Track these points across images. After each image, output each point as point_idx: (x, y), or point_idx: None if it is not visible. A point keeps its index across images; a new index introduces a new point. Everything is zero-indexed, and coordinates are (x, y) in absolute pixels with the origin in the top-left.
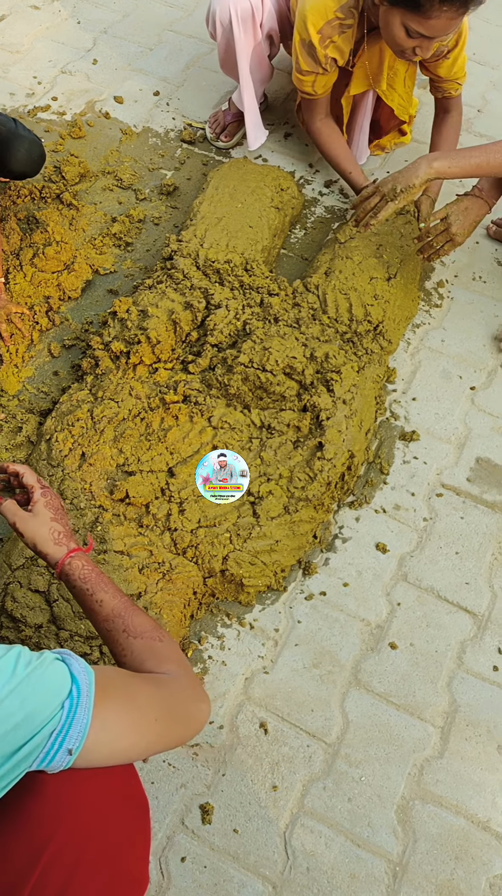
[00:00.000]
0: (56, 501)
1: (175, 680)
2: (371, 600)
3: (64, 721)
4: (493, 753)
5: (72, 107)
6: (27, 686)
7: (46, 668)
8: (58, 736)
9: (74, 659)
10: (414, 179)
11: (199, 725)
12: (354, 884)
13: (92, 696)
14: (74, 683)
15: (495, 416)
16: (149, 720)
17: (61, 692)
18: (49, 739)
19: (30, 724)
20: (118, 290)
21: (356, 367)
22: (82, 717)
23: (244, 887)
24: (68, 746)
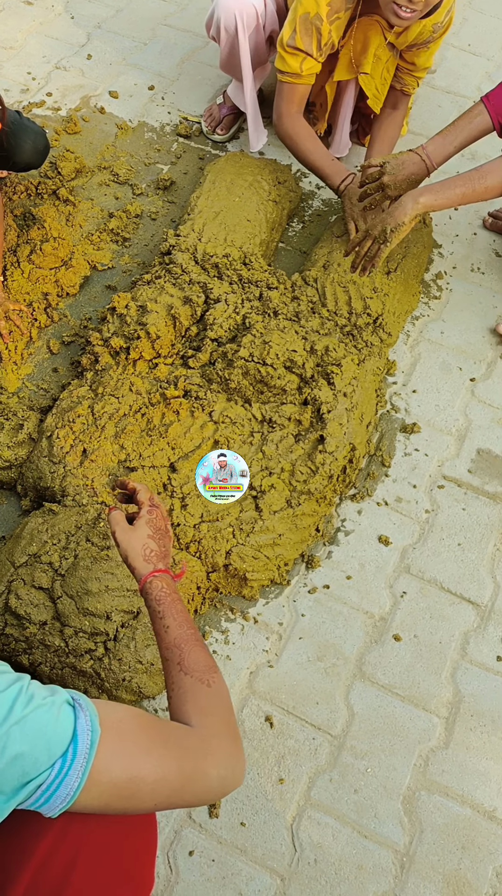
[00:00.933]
0: (161, 522)
1: (204, 740)
2: (374, 593)
3: (52, 780)
4: (498, 743)
5: (66, 102)
6: (19, 730)
7: (50, 713)
8: (44, 792)
9: (84, 712)
10: (403, 217)
11: (216, 794)
12: (362, 875)
13: (91, 758)
14: (74, 742)
15: (495, 408)
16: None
17: (55, 750)
18: (35, 794)
19: (16, 772)
20: (116, 285)
21: (356, 360)
22: (73, 780)
23: (252, 880)
24: (55, 804)
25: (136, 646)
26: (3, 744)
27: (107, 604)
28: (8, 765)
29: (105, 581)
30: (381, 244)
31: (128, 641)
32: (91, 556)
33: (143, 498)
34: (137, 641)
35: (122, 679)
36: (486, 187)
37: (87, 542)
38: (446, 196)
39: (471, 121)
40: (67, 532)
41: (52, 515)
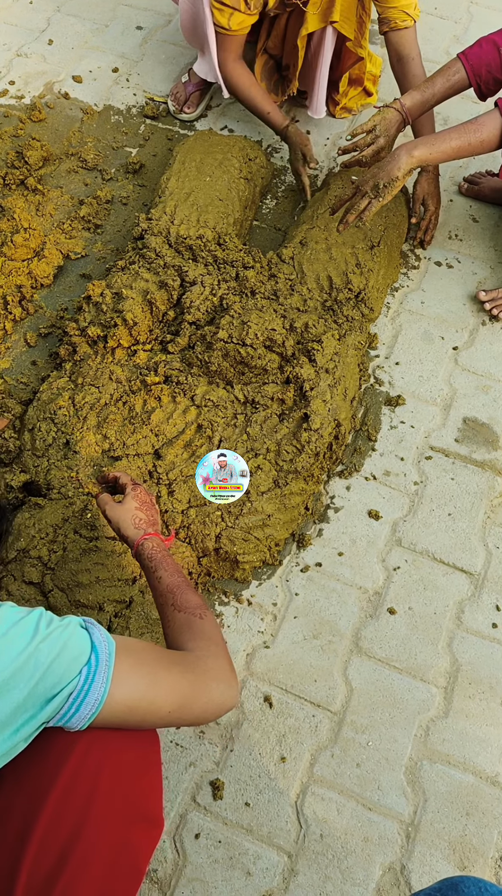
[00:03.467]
0: (145, 496)
1: (201, 658)
2: (367, 567)
3: (81, 686)
4: (497, 709)
5: (30, 90)
6: (47, 645)
7: (68, 631)
8: (75, 700)
9: (97, 628)
10: (397, 171)
11: (217, 707)
12: (368, 847)
13: (111, 666)
14: (94, 651)
15: (479, 375)
16: (166, 693)
17: (81, 658)
18: (67, 702)
19: (48, 684)
20: (91, 273)
21: (337, 336)
22: (99, 685)
23: (259, 859)
24: (84, 712)
25: (131, 634)
26: (36, 658)
27: (98, 595)
28: (42, 677)
29: (95, 572)
30: (373, 199)
31: (122, 631)
32: (80, 548)
33: (125, 481)
34: (131, 630)
35: None
36: (481, 140)
37: (74, 535)
38: (440, 149)
39: (449, 78)
40: (55, 525)
41: (38, 510)
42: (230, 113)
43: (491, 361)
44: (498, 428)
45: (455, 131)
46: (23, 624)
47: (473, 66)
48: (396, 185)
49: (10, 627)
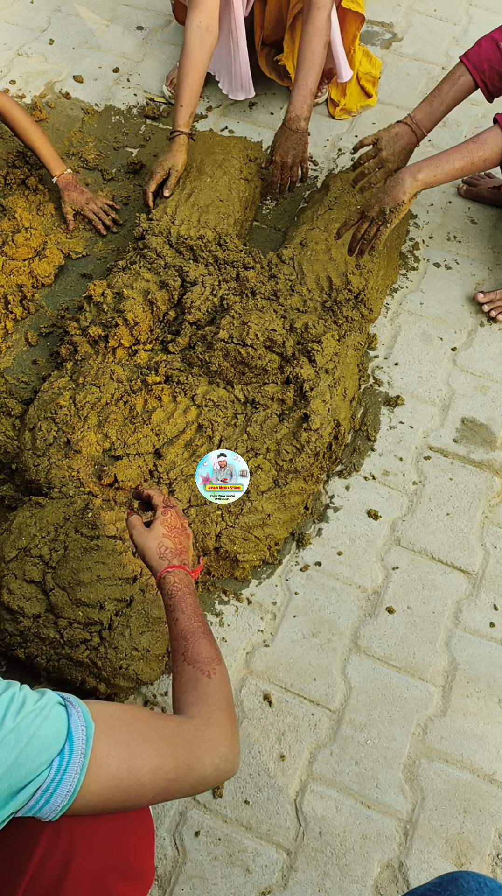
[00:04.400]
0: (176, 521)
1: (198, 729)
2: (365, 567)
3: (52, 779)
4: (494, 707)
5: (30, 89)
6: (14, 737)
7: (40, 717)
8: (44, 793)
9: (75, 708)
10: (402, 196)
11: (211, 781)
12: (366, 844)
13: (87, 754)
14: (69, 739)
15: (477, 376)
16: (150, 778)
17: (52, 748)
18: (34, 797)
19: (16, 777)
20: (92, 273)
21: (336, 336)
22: (72, 776)
23: (259, 856)
24: (56, 803)
25: (132, 633)
26: (1, 753)
27: (99, 593)
28: (7, 772)
29: (96, 571)
30: (380, 225)
31: (123, 629)
32: (81, 546)
33: (158, 501)
34: (132, 629)
35: (119, 667)
36: (484, 158)
37: (75, 533)
38: (445, 170)
39: (455, 83)
40: (56, 524)
41: (39, 508)
42: (231, 114)
43: (490, 362)
44: (495, 428)
45: (457, 151)
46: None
47: (475, 65)
48: (402, 209)
49: None
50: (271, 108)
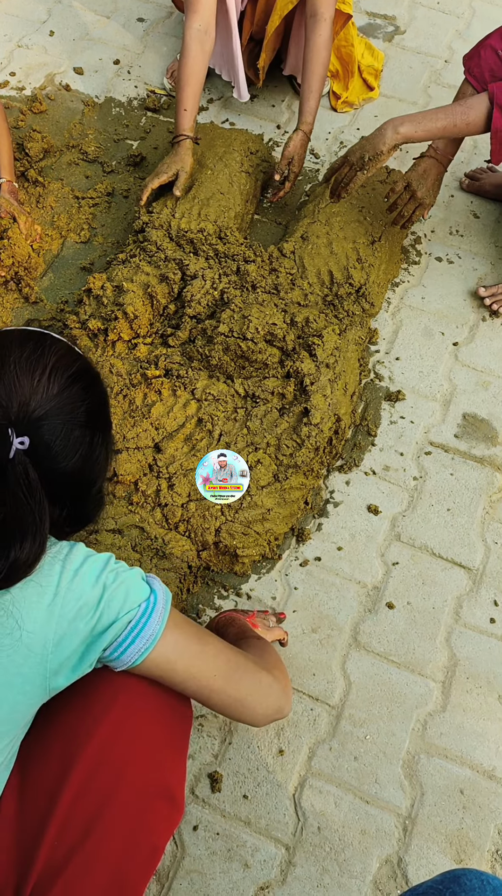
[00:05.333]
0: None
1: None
2: (366, 562)
3: (140, 617)
4: (494, 703)
5: (31, 81)
6: (115, 580)
7: (132, 573)
8: (133, 628)
9: (156, 580)
10: (382, 146)
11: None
12: (365, 840)
13: (167, 612)
14: (153, 593)
15: (479, 371)
16: (215, 655)
17: (141, 595)
18: (125, 629)
19: (111, 611)
20: (91, 266)
21: (337, 330)
22: (156, 622)
23: (257, 851)
24: (139, 645)
25: None
26: (104, 587)
27: None
28: (107, 605)
29: None
30: (358, 171)
31: None
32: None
33: None
34: None
35: None
36: (468, 122)
37: None
38: (426, 127)
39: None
40: None
41: None
42: (232, 106)
43: (491, 357)
44: (497, 424)
45: (442, 111)
46: (94, 559)
47: (477, 79)
48: (380, 159)
49: (84, 560)
50: (272, 100)
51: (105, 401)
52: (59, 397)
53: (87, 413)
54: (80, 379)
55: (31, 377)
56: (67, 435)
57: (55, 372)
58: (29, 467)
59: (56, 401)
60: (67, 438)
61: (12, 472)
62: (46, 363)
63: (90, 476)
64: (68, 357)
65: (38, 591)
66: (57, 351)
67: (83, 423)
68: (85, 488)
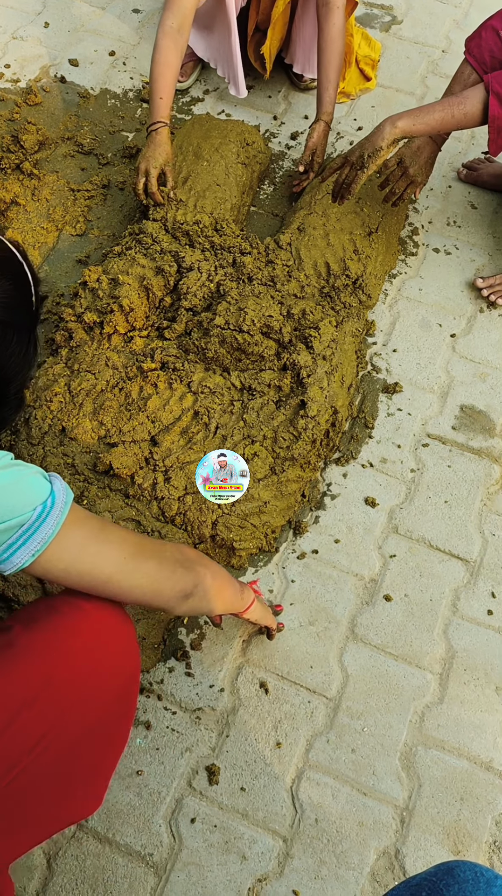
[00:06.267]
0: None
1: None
2: (363, 555)
3: (33, 522)
4: (492, 695)
5: (26, 73)
6: (9, 476)
7: (29, 470)
8: (25, 531)
9: (59, 480)
10: (380, 142)
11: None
12: (363, 831)
13: (65, 513)
14: (51, 496)
15: (476, 363)
16: (113, 556)
17: (38, 497)
18: (16, 533)
19: (4, 508)
20: (87, 259)
21: (334, 322)
22: (50, 525)
23: (255, 843)
24: (30, 548)
25: None
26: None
27: None
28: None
29: None
30: (358, 170)
31: None
32: None
33: None
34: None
35: None
36: (465, 113)
37: None
38: (424, 121)
39: (465, 82)
40: None
41: None
42: (228, 97)
43: (489, 349)
44: (494, 415)
45: (439, 104)
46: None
47: (477, 59)
48: (380, 155)
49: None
50: (269, 91)
51: (27, 300)
52: None
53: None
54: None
55: None
56: None
57: None
58: None
59: None
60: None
61: None
62: None
63: (4, 375)
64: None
65: None
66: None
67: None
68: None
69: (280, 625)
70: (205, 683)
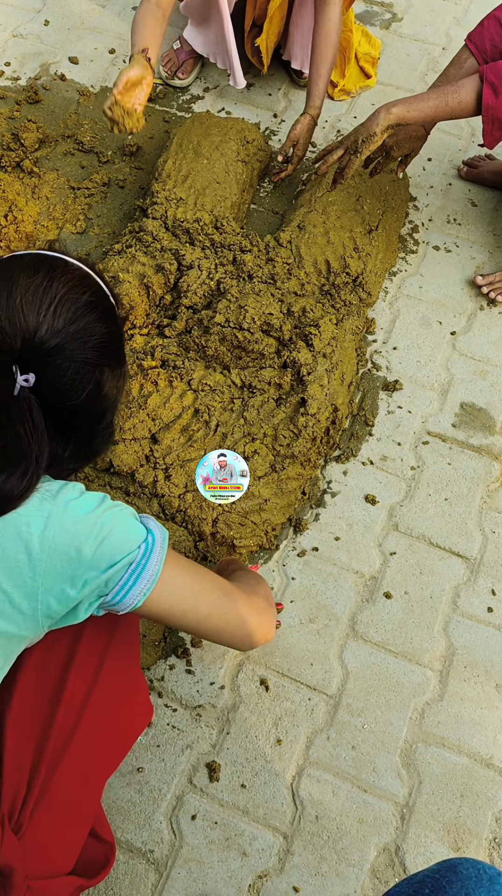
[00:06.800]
0: None
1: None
2: (363, 552)
3: (140, 558)
4: (492, 692)
5: (25, 71)
6: (112, 514)
7: (126, 511)
8: (135, 570)
9: (151, 519)
10: (375, 128)
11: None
12: (363, 828)
13: (165, 551)
14: (150, 534)
15: (477, 360)
16: (209, 591)
17: (139, 535)
18: (127, 571)
19: (112, 547)
20: (87, 257)
21: (334, 320)
22: (155, 562)
23: (255, 840)
24: (140, 587)
25: None
26: (103, 521)
27: None
28: (107, 538)
29: None
30: (352, 155)
31: None
32: None
33: None
34: None
35: None
36: (459, 101)
37: None
38: (418, 108)
39: (461, 66)
40: None
41: None
42: (228, 95)
43: (489, 346)
44: (494, 413)
45: (434, 92)
46: (91, 494)
47: (478, 46)
48: (374, 140)
49: (81, 494)
50: (269, 89)
51: (118, 334)
52: (66, 331)
53: (96, 348)
54: (92, 311)
55: (37, 309)
56: (75, 372)
57: (63, 303)
58: (34, 405)
59: (63, 335)
60: (75, 375)
61: (16, 410)
62: (55, 294)
63: (98, 411)
64: (80, 287)
65: (26, 522)
66: (69, 280)
67: (92, 360)
68: (92, 423)
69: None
70: (206, 680)
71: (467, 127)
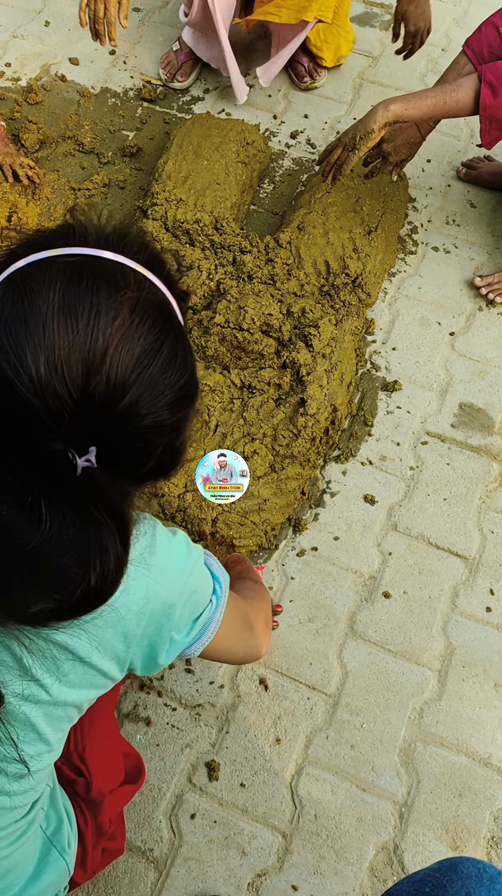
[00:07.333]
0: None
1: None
2: (362, 552)
3: (212, 615)
4: (490, 692)
5: (26, 72)
6: (197, 574)
7: (202, 560)
8: (205, 627)
9: (213, 560)
10: (372, 125)
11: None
12: (362, 827)
13: (226, 599)
14: (217, 582)
15: (476, 361)
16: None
17: (210, 587)
18: (200, 629)
19: (193, 606)
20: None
21: (334, 321)
22: (219, 616)
23: (254, 838)
24: (206, 638)
25: None
26: (190, 581)
27: None
28: (190, 598)
29: None
30: (350, 151)
31: None
32: None
33: None
34: None
35: None
36: (457, 100)
37: None
38: (416, 106)
39: (459, 72)
40: None
41: None
42: (228, 96)
43: (488, 347)
44: (494, 413)
45: (432, 90)
46: (174, 545)
47: (475, 52)
48: (371, 137)
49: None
50: (269, 90)
51: (194, 370)
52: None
53: (171, 403)
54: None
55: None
56: (146, 434)
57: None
58: (102, 480)
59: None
60: (147, 437)
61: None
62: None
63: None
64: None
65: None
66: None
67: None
68: (167, 464)
69: (274, 623)
70: (205, 680)
71: (466, 128)
